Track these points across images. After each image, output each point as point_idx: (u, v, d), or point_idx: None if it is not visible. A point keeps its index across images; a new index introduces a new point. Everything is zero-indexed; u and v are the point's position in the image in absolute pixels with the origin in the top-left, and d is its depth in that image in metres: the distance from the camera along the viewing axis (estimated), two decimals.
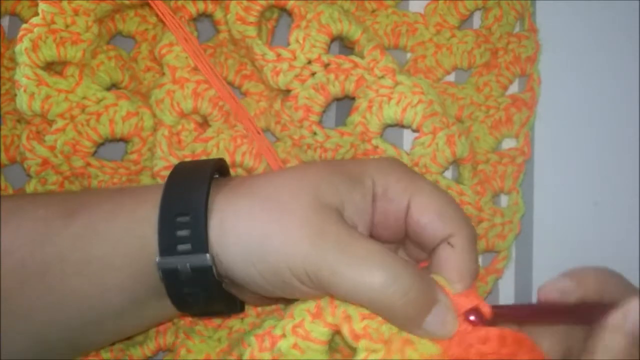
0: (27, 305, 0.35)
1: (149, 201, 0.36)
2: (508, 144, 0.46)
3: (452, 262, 0.35)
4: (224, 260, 0.34)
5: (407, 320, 0.33)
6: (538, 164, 0.46)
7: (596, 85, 0.46)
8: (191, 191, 0.35)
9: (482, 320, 0.33)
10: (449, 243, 0.35)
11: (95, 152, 0.44)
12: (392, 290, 0.32)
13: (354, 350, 0.34)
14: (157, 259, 0.34)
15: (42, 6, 0.42)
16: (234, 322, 0.41)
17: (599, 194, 0.45)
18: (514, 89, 0.47)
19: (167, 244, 0.34)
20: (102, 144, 0.44)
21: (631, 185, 0.45)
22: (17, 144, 0.46)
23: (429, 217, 0.35)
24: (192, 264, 0.34)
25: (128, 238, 0.35)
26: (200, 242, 0.34)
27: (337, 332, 0.34)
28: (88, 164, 0.43)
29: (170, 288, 0.35)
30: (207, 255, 0.34)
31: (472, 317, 0.33)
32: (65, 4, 0.42)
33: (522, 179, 0.45)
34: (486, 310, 0.33)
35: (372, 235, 0.36)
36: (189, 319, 0.41)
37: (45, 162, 0.42)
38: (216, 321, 0.42)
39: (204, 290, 0.35)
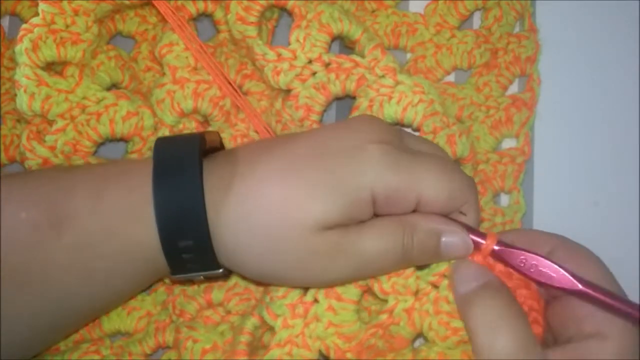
0: (30, 305, 0.36)
1: (143, 218, 0.35)
2: (508, 144, 0.46)
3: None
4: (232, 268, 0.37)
5: (426, 261, 0.37)
6: (538, 164, 0.46)
7: (596, 85, 0.46)
8: (186, 210, 0.35)
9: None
10: (461, 212, 0.37)
11: (95, 151, 0.43)
12: (397, 251, 0.36)
13: (385, 301, 0.38)
14: (170, 275, 0.37)
15: (42, 6, 0.42)
16: (235, 318, 0.41)
17: (599, 194, 0.45)
18: (513, 89, 0.47)
19: (176, 266, 0.36)
20: (102, 144, 0.43)
21: (631, 185, 0.45)
22: (17, 144, 0.46)
23: (439, 207, 0.36)
24: (205, 275, 0.38)
25: (132, 258, 0.36)
26: (210, 266, 0.36)
27: (365, 292, 0.38)
28: (89, 164, 0.43)
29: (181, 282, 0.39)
30: (220, 270, 0.37)
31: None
32: (65, 4, 0.42)
33: (523, 178, 0.45)
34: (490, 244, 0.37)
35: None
36: (188, 316, 0.42)
37: (45, 162, 0.42)
38: (215, 318, 0.42)
39: (210, 278, 0.39)
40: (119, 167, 0.38)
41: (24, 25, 0.42)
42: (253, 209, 0.35)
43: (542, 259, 0.36)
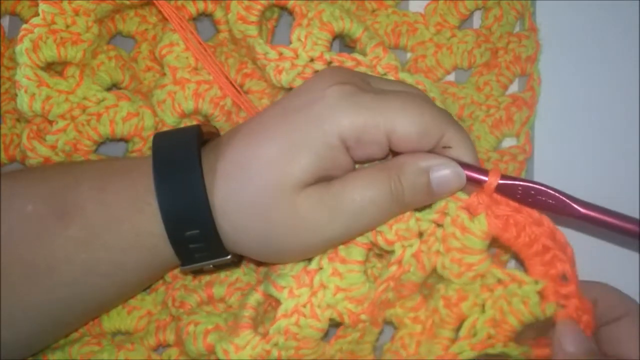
0: (36, 298, 0.36)
1: (147, 209, 0.35)
2: (509, 143, 0.46)
3: (455, 156, 0.36)
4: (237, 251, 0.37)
5: (422, 201, 0.36)
6: (538, 164, 0.46)
7: (596, 84, 0.47)
8: (189, 201, 0.35)
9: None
10: (444, 147, 0.36)
11: (96, 150, 0.43)
12: (386, 197, 0.35)
13: (390, 253, 0.37)
14: (180, 267, 0.38)
15: (42, 6, 0.42)
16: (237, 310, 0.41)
17: (599, 193, 0.45)
18: (514, 88, 0.47)
19: (185, 256, 0.37)
20: (102, 143, 0.43)
21: (631, 185, 0.45)
22: (17, 143, 0.46)
23: (414, 143, 0.35)
24: (214, 263, 0.38)
25: (137, 248, 0.36)
26: (219, 253, 0.37)
27: (369, 249, 0.37)
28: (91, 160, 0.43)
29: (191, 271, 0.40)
30: (229, 256, 0.37)
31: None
32: (65, 4, 0.42)
33: (525, 176, 0.45)
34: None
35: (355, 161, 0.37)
36: (188, 306, 0.41)
37: (46, 161, 0.42)
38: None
39: (220, 266, 0.39)
40: (122, 163, 0.39)
41: (24, 26, 0.42)
42: (235, 186, 0.35)
43: (539, 187, 0.36)
